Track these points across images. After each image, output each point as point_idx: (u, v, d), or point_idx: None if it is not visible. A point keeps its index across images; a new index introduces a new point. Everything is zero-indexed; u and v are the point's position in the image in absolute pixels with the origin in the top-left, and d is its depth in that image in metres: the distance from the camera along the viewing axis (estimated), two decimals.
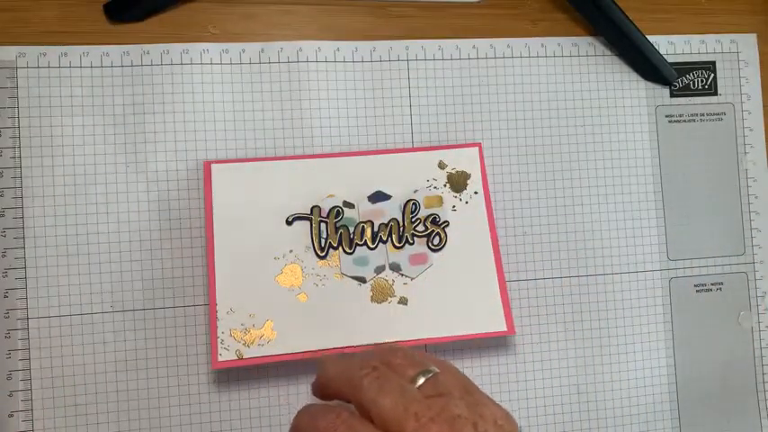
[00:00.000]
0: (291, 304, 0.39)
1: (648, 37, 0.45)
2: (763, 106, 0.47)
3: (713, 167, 0.47)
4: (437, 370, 0.28)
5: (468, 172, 0.42)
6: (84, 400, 0.39)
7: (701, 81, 0.47)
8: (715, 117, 0.47)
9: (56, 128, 0.40)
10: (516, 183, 0.44)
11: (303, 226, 0.40)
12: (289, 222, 0.40)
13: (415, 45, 0.44)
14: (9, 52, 0.40)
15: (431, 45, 0.44)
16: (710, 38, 0.47)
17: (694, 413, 0.45)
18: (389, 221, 0.41)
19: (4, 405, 0.38)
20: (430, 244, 0.41)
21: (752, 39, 0.48)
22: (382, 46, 0.43)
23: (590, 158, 0.45)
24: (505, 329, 0.40)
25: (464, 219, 0.42)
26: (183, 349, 0.40)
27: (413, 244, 0.41)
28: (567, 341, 0.44)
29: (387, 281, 0.40)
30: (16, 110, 0.40)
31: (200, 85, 0.41)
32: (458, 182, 0.42)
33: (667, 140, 0.46)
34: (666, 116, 0.46)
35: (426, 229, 0.41)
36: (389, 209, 0.41)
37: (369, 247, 0.40)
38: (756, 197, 0.47)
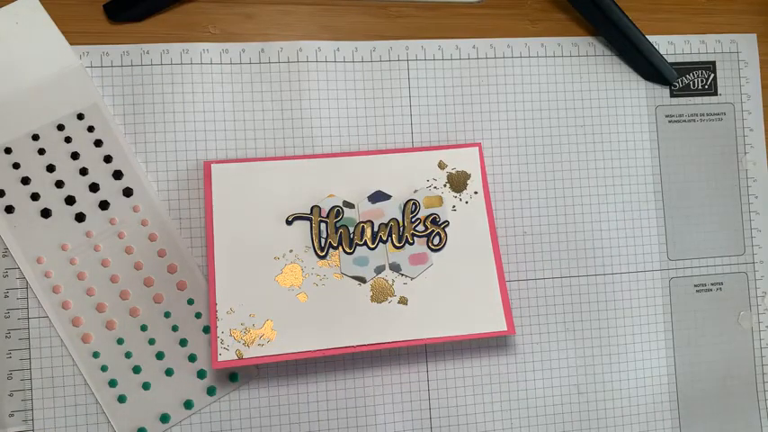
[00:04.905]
0: (291, 304, 0.39)
1: (648, 37, 0.45)
2: (763, 106, 0.47)
3: (713, 167, 0.47)
4: None
5: (468, 172, 0.42)
6: (84, 400, 0.39)
7: (701, 81, 0.47)
8: (715, 117, 0.47)
9: None
10: (516, 183, 0.44)
11: (303, 226, 0.40)
12: (289, 222, 0.40)
13: (415, 45, 0.44)
14: None
15: (431, 45, 0.44)
16: (710, 38, 0.47)
17: (694, 413, 0.45)
18: (389, 221, 0.41)
19: (4, 405, 0.38)
20: (430, 244, 0.41)
21: (752, 39, 0.48)
22: (382, 46, 0.43)
23: (590, 158, 0.45)
24: (505, 329, 0.40)
25: (464, 219, 0.42)
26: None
27: (413, 244, 0.41)
28: (567, 341, 0.44)
29: (387, 281, 0.40)
30: None
31: (200, 84, 0.41)
32: (458, 182, 0.42)
33: (667, 140, 0.46)
34: (666, 116, 0.46)
35: (426, 229, 0.41)
36: (389, 209, 0.41)
37: (369, 247, 0.40)
38: (756, 197, 0.47)
